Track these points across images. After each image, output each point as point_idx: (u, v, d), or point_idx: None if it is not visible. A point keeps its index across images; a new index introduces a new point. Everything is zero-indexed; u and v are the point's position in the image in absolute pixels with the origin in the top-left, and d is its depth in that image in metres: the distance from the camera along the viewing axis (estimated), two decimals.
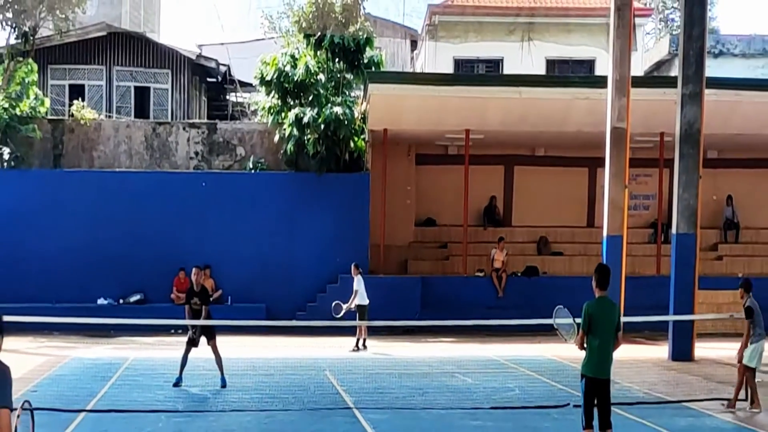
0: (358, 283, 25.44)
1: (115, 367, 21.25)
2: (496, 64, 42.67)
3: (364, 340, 25.36)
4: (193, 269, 19.50)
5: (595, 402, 11.49)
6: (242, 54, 41.36)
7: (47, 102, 34.33)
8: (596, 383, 11.43)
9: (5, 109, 30.94)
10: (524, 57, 41.60)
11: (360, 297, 25.26)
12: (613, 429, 13.95)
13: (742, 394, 16.58)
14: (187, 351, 18.64)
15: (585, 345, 11.55)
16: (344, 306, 24.87)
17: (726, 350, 23.99)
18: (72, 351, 24.49)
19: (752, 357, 16.73)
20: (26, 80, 32.05)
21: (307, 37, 32.74)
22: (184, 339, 18.98)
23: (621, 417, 15.51)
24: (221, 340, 18.71)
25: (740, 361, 16.87)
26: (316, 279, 30.39)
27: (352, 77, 32.38)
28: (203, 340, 18.57)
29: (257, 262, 30.50)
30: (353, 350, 24.98)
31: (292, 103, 31.47)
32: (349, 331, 25.25)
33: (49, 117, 33.39)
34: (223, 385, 18.39)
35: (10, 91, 31.40)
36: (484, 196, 34.44)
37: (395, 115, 30.73)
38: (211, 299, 19.34)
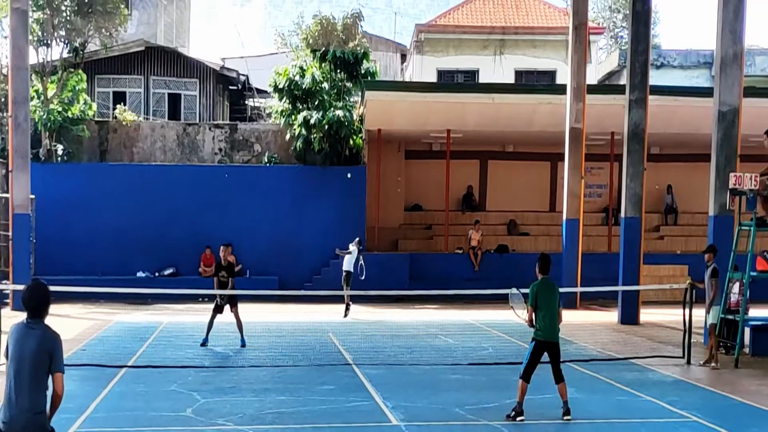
0: (353, 250, 25.34)
1: (151, 330, 21.39)
2: (472, 74, 42.65)
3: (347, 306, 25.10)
4: (221, 247, 19.64)
5: (548, 361, 11.87)
6: (259, 66, 41.27)
7: (94, 106, 34.30)
8: (546, 345, 11.88)
9: (59, 113, 30.93)
10: (496, 68, 41.75)
11: (347, 262, 25.18)
12: (573, 382, 14.16)
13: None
14: (213, 316, 18.75)
15: (534, 319, 11.90)
16: (338, 251, 25.66)
17: (666, 315, 24.22)
18: (115, 316, 24.59)
19: (716, 315, 16.88)
20: (77, 88, 31.98)
21: (313, 51, 32.82)
22: (211, 306, 19.10)
23: (578, 372, 15.73)
24: (241, 307, 18.75)
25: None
26: (321, 255, 30.46)
27: (351, 85, 32.35)
28: (226, 307, 18.73)
29: (271, 241, 30.60)
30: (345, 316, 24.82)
31: (300, 107, 31.45)
32: (354, 300, 25.35)
33: (96, 119, 33.37)
34: (243, 345, 18.49)
35: (63, 97, 31.40)
36: (463, 186, 34.52)
37: (388, 117, 30.80)
38: (235, 272, 19.39)
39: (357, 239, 26.16)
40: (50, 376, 6.80)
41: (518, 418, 11.63)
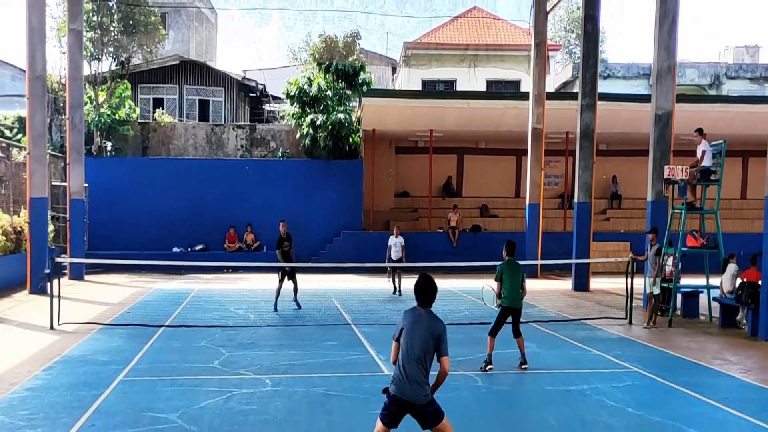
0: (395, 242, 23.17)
1: (185, 296, 21.38)
2: (451, 83, 42.54)
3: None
4: (281, 223, 19.48)
5: (509, 321, 12.05)
6: (274, 76, 41.26)
7: (137, 110, 34.22)
8: (510, 310, 12.03)
9: (108, 115, 30.98)
10: (470, 79, 41.53)
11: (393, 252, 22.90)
12: (534, 339, 14.16)
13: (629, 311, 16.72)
14: (282, 283, 18.72)
15: (500, 290, 12.07)
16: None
17: (612, 284, 24.32)
18: (154, 284, 24.56)
19: (658, 286, 16.92)
20: (122, 95, 31.92)
21: (319, 64, 32.67)
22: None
23: (539, 330, 15.74)
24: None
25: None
26: (326, 234, 30.47)
27: (350, 93, 32.22)
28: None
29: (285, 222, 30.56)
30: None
31: (308, 111, 31.32)
32: (350, 271, 25.35)
33: (139, 121, 33.22)
34: (298, 306, 18.66)
35: (111, 103, 31.32)
36: (443, 176, 34.49)
37: (381, 119, 30.74)
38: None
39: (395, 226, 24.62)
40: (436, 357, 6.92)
41: (488, 367, 11.69)
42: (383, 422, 6.73)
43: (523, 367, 11.90)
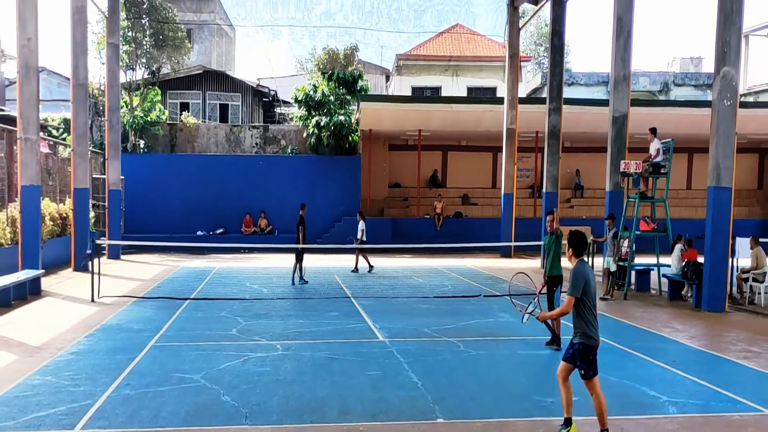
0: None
1: (207, 273, 21.30)
2: (437, 90, 42.35)
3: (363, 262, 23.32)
4: (301, 204, 20.10)
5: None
6: (284, 83, 40.95)
7: (166, 113, 34.03)
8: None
9: (141, 117, 30.84)
10: (453, 86, 41.55)
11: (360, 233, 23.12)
12: (508, 310, 14.11)
13: None
14: (298, 262, 18.90)
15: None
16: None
17: None
18: (181, 263, 24.46)
19: (614, 265, 16.95)
20: (153, 100, 31.80)
21: (323, 73, 32.47)
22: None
23: (510, 304, 15.70)
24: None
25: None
26: (329, 219, 30.32)
27: (350, 98, 32.04)
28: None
29: (293, 210, 30.10)
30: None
31: (313, 113, 31.15)
32: (350, 252, 25.26)
33: (167, 122, 33.05)
34: (305, 281, 18.70)
35: (144, 107, 31.23)
36: (430, 169, 34.35)
37: (376, 121, 30.57)
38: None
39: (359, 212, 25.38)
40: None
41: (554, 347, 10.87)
42: (593, 372, 6.85)
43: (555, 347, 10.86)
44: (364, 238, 22.09)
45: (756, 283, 16.04)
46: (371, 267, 22.18)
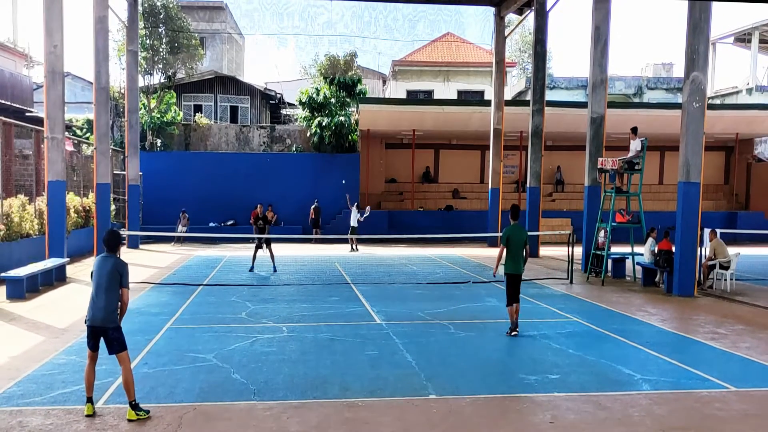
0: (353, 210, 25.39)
1: (218, 261, 21.27)
2: (429, 93, 42.24)
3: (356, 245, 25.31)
4: (268, 205, 19.52)
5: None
6: (289, 87, 40.92)
7: (181, 114, 33.74)
8: (513, 277, 10.58)
9: (158, 118, 30.65)
10: (445, 89, 41.49)
11: (353, 220, 25.36)
12: (494, 295, 14.10)
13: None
14: (256, 251, 18.71)
15: (504, 254, 10.54)
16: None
17: (556, 252, 24.25)
18: (194, 252, 24.41)
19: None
20: (169, 102, 31.58)
21: (325, 78, 32.39)
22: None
23: (498, 289, 15.53)
24: (278, 246, 18.66)
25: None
26: (330, 212, 30.23)
27: (350, 100, 31.93)
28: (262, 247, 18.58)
29: (297, 203, 30.31)
30: (352, 251, 24.92)
31: (316, 114, 31.08)
32: (349, 241, 25.30)
33: (182, 122, 32.93)
34: (275, 270, 18.33)
35: (160, 108, 31.03)
36: (423, 166, 34.21)
37: (374, 121, 30.45)
38: (271, 223, 19.12)
39: (355, 203, 26.01)
40: (119, 290, 6.79)
41: (513, 333, 10.42)
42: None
43: (513, 333, 10.41)
44: (356, 225, 24.33)
45: (722, 270, 16.04)
46: (355, 249, 24.10)
